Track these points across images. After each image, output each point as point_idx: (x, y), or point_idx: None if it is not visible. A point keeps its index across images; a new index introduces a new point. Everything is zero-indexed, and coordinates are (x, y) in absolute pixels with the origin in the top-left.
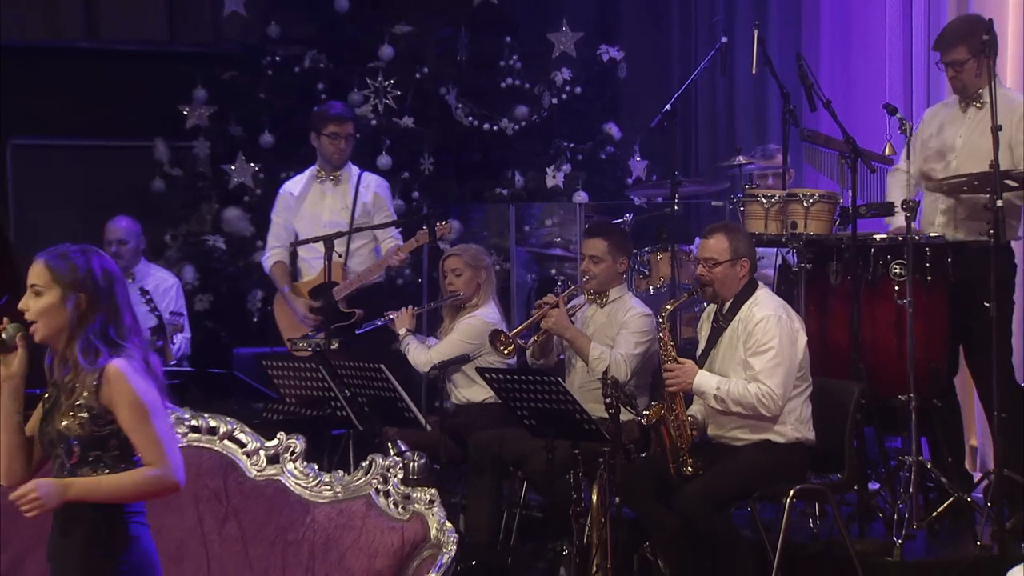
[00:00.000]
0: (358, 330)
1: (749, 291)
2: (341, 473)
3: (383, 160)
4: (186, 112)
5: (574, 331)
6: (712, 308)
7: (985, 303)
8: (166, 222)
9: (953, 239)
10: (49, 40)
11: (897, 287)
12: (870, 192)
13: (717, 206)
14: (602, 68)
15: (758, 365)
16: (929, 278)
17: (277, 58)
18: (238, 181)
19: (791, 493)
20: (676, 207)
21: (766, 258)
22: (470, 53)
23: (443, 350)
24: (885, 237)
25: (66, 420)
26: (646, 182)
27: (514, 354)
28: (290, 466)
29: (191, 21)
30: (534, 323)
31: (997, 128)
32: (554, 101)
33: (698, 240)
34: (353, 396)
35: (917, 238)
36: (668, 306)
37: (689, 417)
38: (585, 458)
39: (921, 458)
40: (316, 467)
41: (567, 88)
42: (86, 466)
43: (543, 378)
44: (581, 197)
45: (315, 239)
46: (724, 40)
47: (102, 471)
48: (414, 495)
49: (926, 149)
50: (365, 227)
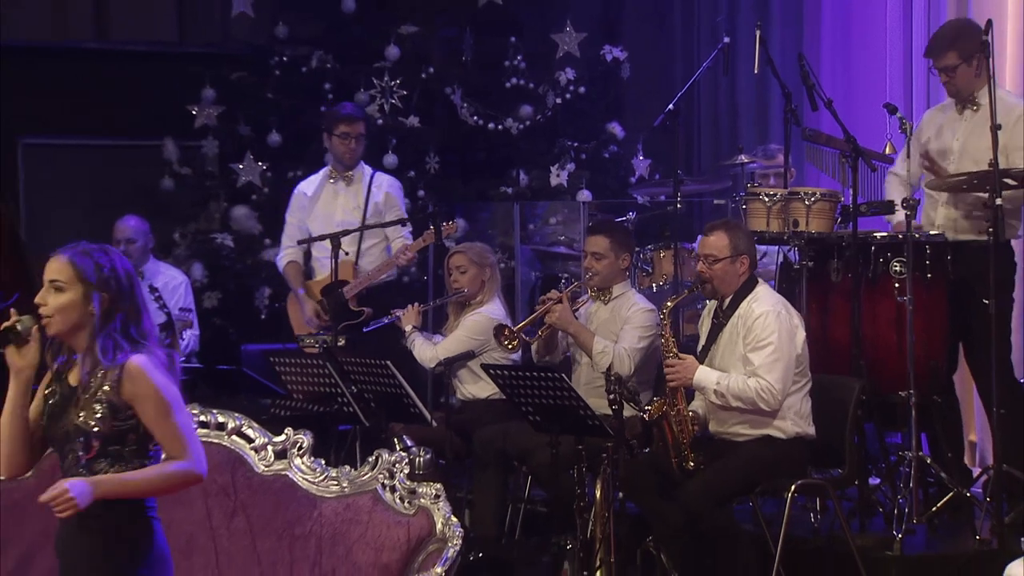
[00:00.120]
0: (365, 328)
1: (749, 288)
2: (348, 468)
3: (389, 159)
4: (195, 112)
5: (577, 326)
6: (713, 305)
7: (984, 300)
8: (175, 220)
9: (953, 238)
10: (59, 41)
11: (897, 284)
12: (871, 191)
13: (719, 204)
14: (605, 68)
15: (757, 360)
16: (929, 276)
17: (285, 58)
18: (246, 180)
19: (792, 488)
20: (679, 205)
21: (768, 256)
22: (475, 53)
23: (449, 346)
24: (886, 235)
25: (85, 415)
26: (649, 181)
27: (518, 349)
28: (297, 461)
29: (200, 22)
30: (538, 318)
31: (997, 127)
32: (558, 101)
33: (699, 239)
34: (360, 392)
35: (917, 236)
36: (669, 302)
37: (690, 412)
38: (589, 453)
39: (921, 453)
40: (323, 462)
41: (571, 88)
42: (104, 460)
43: (547, 374)
44: (585, 196)
45: (322, 237)
46: (726, 40)
47: (120, 465)
48: (420, 490)
49: (930, 151)
50: (373, 225)
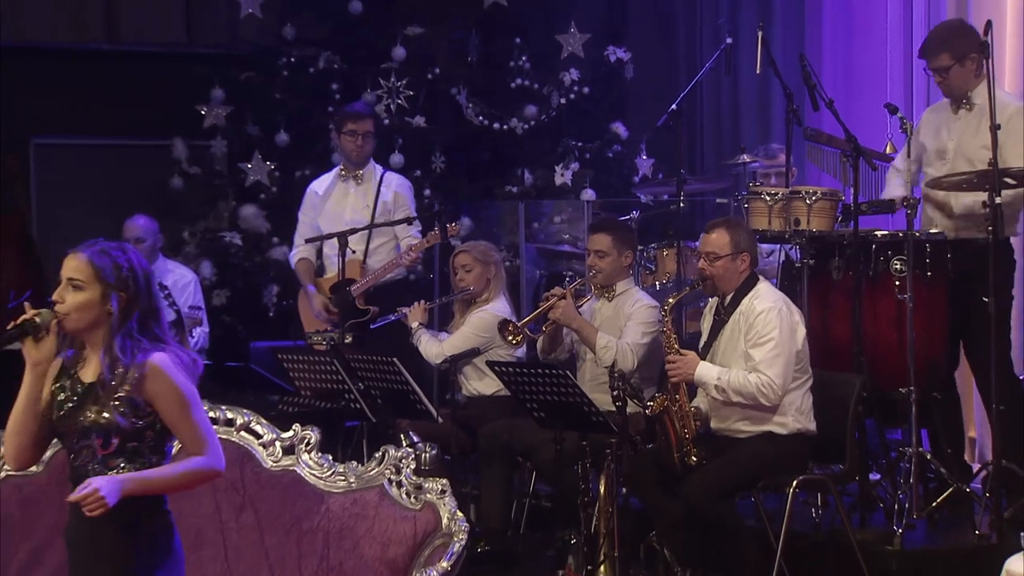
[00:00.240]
0: (372, 325)
1: (750, 285)
2: (355, 464)
3: (396, 159)
4: (204, 112)
5: (581, 321)
6: (714, 302)
7: (984, 298)
8: (184, 219)
9: (953, 237)
10: (70, 42)
11: (898, 282)
12: (872, 190)
13: (722, 203)
14: (609, 69)
15: (758, 356)
16: (929, 274)
17: (292, 59)
18: (254, 179)
19: (794, 483)
20: (681, 204)
21: (771, 255)
22: (480, 54)
23: (455, 343)
24: (886, 234)
25: (107, 412)
26: (652, 180)
27: (522, 344)
28: (305, 457)
29: (209, 23)
30: (542, 314)
31: (996, 127)
32: (562, 101)
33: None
34: (367, 389)
35: (918, 235)
36: (671, 299)
37: (693, 408)
38: (593, 449)
39: (921, 449)
40: (330, 458)
41: (575, 88)
42: (121, 456)
43: (552, 371)
44: (589, 195)
45: (329, 235)
46: (729, 41)
47: (137, 461)
48: (426, 485)
49: (925, 153)
50: (379, 224)
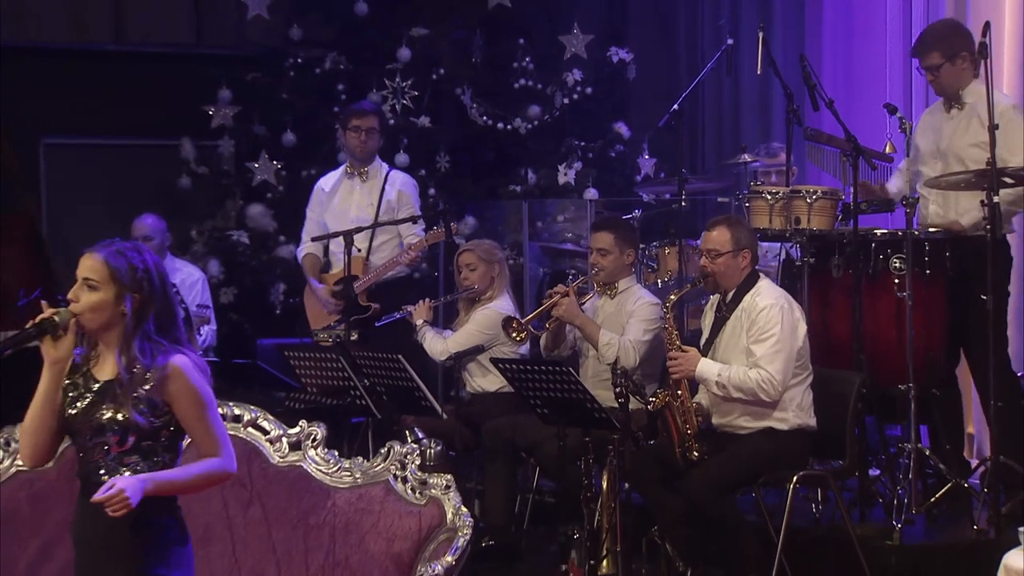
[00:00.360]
0: (378, 322)
1: (751, 282)
2: (361, 459)
3: (401, 158)
4: (211, 112)
5: (584, 318)
6: (715, 299)
7: (982, 296)
8: (192, 218)
9: (953, 236)
10: (79, 43)
11: (897, 280)
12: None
13: (723, 202)
14: (612, 69)
15: (759, 351)
16: (928, 272)
17: (299, 60)
18: (261, 178)
19: (794, 479)
20: (683, 203)
21: (771, 253)
22: (485, 55)
23: (459, 340)
24: (886, 232)
25: (125, 410)
26: (654, 179)
27: (525, 341)
28: (312, 452)
29: (216, 24)
30: (545, 311)
31: (994, 127)
32: (565, 101)
33: (702, 234)
34: (372, 386)
35: (916, 233)
36: (673, 296)
37: (694, 404)
38: (595, 445)
39: (920, 445)
40: (336, 454)
41: (578, 88)
42: (136, 454)
43: (555, 368)
44: (592, 194)
45: (335, 234)
46: (730, 42)
47: (151, 459)
48: (431, 481)
49: (921, 152)
50: (384, 223)
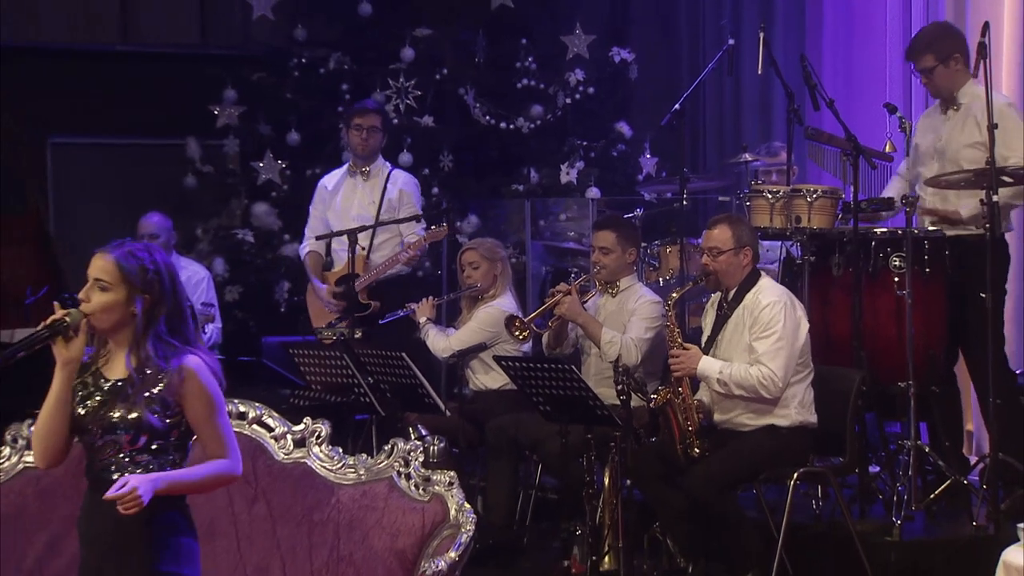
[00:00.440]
0: (381, 320)
1: (753, 280)
2: (365, 456)
3: (404, 157)
4: (217, 112)
5: (586, 317)
6: (716, 297)
7: (981, 294)
8: (197, 217)
9: (952, 235)
10: (86, 43)
11: (897, 279)
12: (872, 188)
13: (724, 201)
14: (614, 69)
15: (761, 348)
16: (928, 270)
17: (303, 60)
18: (266, 177)
19: (795, 476)
20: (685, 202)
21: (772, 252)
22: (487, 55)
23: (462, 337)
24: (886, 231)
25: (137, 410)
26: (656, 178)
27: (528, 339)
28: (316, 449)
29: (221, 25)
30: (547, 310)
31: (993, 127)
32: (568, 101)
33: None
34: (376, 383)
35: (916, 232)
36: (675, 294)
37: (696, 401)
38: (597, 442)
39: (920, 442)
40: (341, 450)
41: (580, 88)
42: (147, 453)
43: (557, 366)
44: (594, 193)
45: (340, 233)
46: (731, 42)
47: (161, 458)
48: (434, 477)
49: (919, 154)
50: (387, 222)
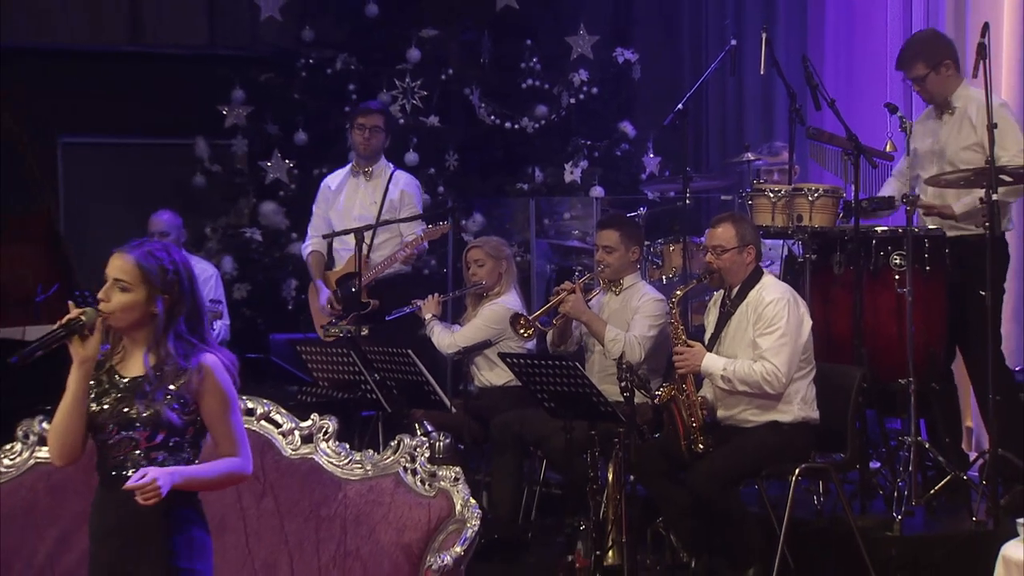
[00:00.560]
0: (388, 317)
1: (756, 277)
2: (371, 452)
3: (410, 157)
4: (225, 112)
5: (590, 315)
6: (719, 295)
7: (980, 292)
8: (206, 215)
9: (953, 234)
10: (97, 44)
11: (897, 277)
12: (872, 187)
13: (727, 200)
14: (617, 69)
15: (765, 344)
16: (928, 268)
17: (311, 61)
18: (274, 177)
19: (796, 471)
20: (687, 201)
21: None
22: (492, 56)
23: (467, 334)
24: (886, 229)
25: (156, 407)
26: (659, 177)
27: (533, 337)
28: (323, 445)
29: (230, 26)
30: (552, 308)
31: (993, 126)
32: (572, 101)
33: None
34: (382, 380)
35: (917, 230)
36: (678, 292)
37: (700, 398)
38: (601, 438)
39: (920, 439)
40: (347, 446)
41: (584, 88)
42: (163, 450)
43: (562, 363)
44: (597, 192)
45: (347, 231)
46: (733, 43)
47: (176, 454)
48: (440, 473)
49: (917, 158)
50: (388, 221)
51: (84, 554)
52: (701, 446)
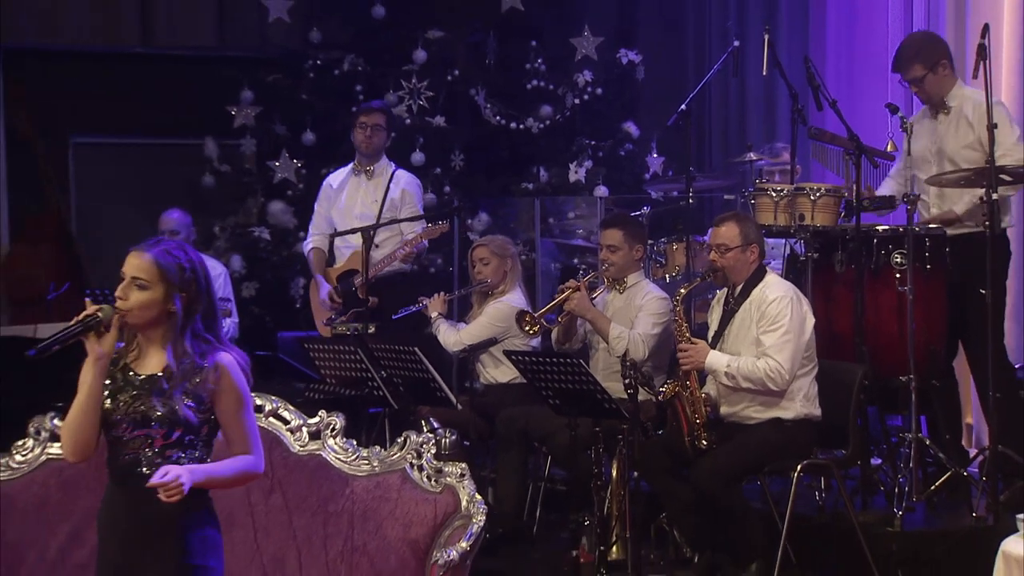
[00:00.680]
0: (395, 316)
1: (759, 276)
2: (378, 448)
3: (417, 157)
4: (234, 112)
5: (595, 312)
6: (722, 294)
7: (981, 290)
8: (215, 215)
9: (953, 232)
10: (108, 46)
11: (898, 275)
12: (873, 186)
13: (729, 200)
14: (621, 70)
15: (768, 341)
16: (928, 267)
17: (318, 62)
18: (282, 176)
19: (799, 468)
20: (690, 200)
21: (775, 248)
22: (498, 57)
23: (472, 332)
24: (887, 228)
25: (173, 405)
26: (662, 177)
27: (539, 334)
28: (331, 442)
29: (239, 28)
30: (557, 305)
31: (993, 126)
32: (576, 101)
33: (711, 230)
34: (389, 377)
35: (917, 229)
36: (682, 289)
37: (703, 394)
38: (605, 435)
39: (920, 435)
40: (355, 443)
41: (588, 89)
42: (177, 448)
43: (566, 360)
44: (602, 191)
45: (353, 230)
46: (736, 44)
47: (189, 452)
48: (446, 469)
49: (915, 159)
50: (388, 222)
51: (95, 549)
52: (705, 442)
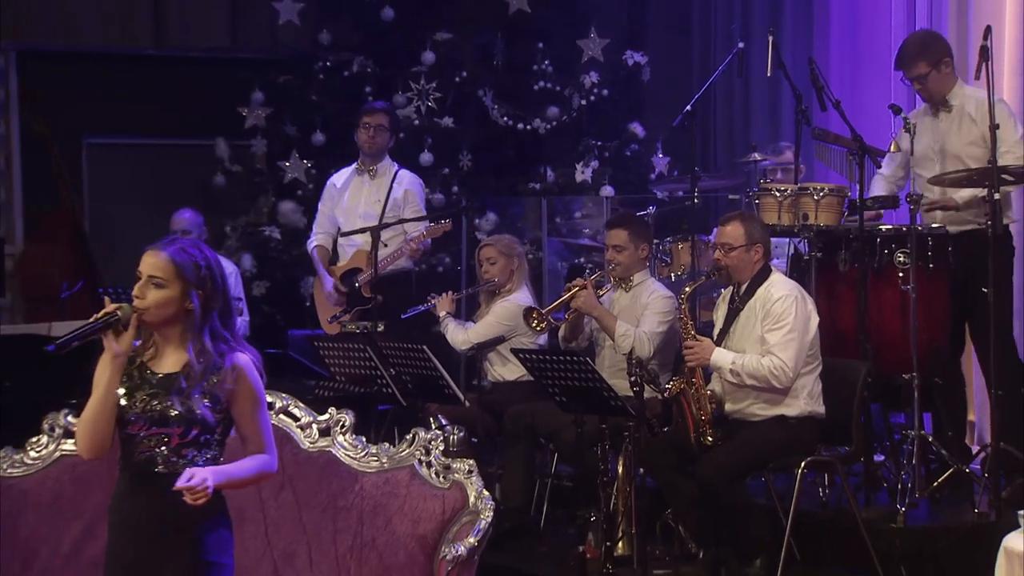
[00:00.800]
0: (403, 315)
1: (764, 275)
2: (387, 445)
3: (425, 157)
4: (245, 113)
5: (601, 310)
6: (728, 292)
7: (983, 288)
8: (226, 214)
9: (956, 231)
10: (121, 47)
11: (901, 274)
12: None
13: (734, 199)
14: (627, 72)
15: (773, 339)
16: (931, 266)
17: (328, 63)
18: (292, 176)
19: (802, 464)
20: (696, 200)
21: (779, 247)
22: (505, 58)
23: (480, 331)
24: (891, 228)
25: (191, 404)
26: (668, 177)
27: (546, 331)
28: (340, 439)
29: (250, 30)
30: (564, 303)
31: (995, 126)
32: (583, 102)
33: (716, 229)
34: (398, 375)
35: (920, 228)
36: (688, 288)
37: (708, 391)
38: (612, 432)
39: (923, 432)
40: (364, 440)
41: (595, 90)
42: (193, 447)
43: (573, 358)
44: (608, 191)
45: (362, 230)
46: (741, 45)
47: (205, 451)
48: (454, 465)
49: (916, 157)
50: (395, 222)
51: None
52: (710, 439)
